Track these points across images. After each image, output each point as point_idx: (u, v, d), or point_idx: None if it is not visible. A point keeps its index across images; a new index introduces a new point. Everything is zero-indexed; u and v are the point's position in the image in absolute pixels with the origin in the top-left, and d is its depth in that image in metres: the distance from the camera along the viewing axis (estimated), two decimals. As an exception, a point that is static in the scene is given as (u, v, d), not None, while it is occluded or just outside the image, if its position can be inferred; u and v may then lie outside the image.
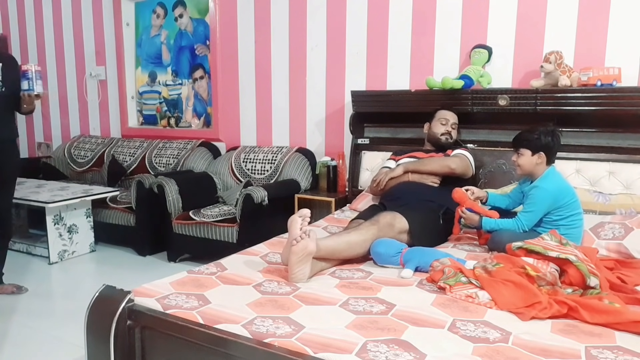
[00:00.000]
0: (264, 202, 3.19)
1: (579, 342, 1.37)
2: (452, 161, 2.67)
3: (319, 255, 1.92)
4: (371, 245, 2.10)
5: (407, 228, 2.24)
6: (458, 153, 2.78)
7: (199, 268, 1.96)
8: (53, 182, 4.25)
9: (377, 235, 2.12)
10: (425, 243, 2.20)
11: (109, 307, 1.60)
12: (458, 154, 2.78)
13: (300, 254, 1.82)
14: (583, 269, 1.72)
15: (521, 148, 2.24)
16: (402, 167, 2.72)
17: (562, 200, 2.18)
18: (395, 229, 2.20)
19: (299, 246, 1.82)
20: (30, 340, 2.44)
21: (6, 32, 5.48)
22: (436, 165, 2.67)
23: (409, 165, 2.72)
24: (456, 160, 2.67)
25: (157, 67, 4.66)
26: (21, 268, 3.52)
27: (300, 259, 1.83)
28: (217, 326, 1.46)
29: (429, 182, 2.68)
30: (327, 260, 2.00)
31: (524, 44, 3.00)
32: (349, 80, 3.60)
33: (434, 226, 2.41)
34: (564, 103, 2.69)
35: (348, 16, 3.55)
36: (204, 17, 4.28)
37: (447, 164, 2.65)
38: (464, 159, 2.73)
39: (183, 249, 3.61)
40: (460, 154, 2.77)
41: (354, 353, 1.28)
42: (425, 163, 2.71)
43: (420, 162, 2.74)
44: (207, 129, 4.42)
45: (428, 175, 2.68)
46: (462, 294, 1.69)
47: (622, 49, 2.75)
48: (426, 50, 3.30)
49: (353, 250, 2.08)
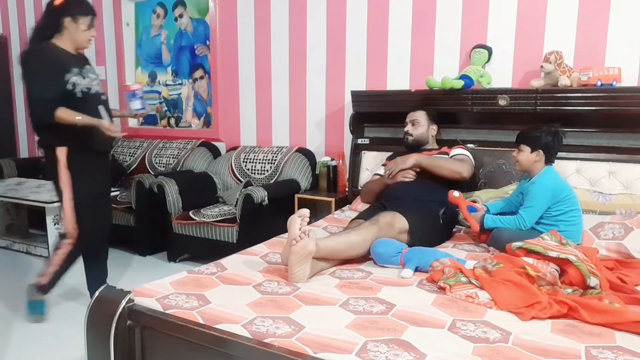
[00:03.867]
0: (264, 202, 3.19)
1: (579, 342, 1.37)
2: (464, 169, 2.59)
3: (319, 255, 1.92)
4: (371, 245, 2.09)
5: (407, 228, 2.24)
6: (462, 156, 2.71)
7: (199, 268, 1.96)
8: (53, 182, 4.24)
9: (377, 235, 2.12)
10: (425, 243, 2.20)
11: (109, 307, 1.60)
12: (462, 157, 2.70)
13: (299, 253, 1.82)
14: (583, 269, 1.72)
15: (522, 144, 2.29)
16: (414, 159, 2.62)
17: (560, 194, 2.21)
18: (395, 228, 2.20)
19: (299, 246, 1.82)
20: (30, 340, 2.44)
21: (6, 32, 5.48)
22: (448, 172, 2.57)
23: (422, 161, 2.60)
24: (467, 168, 2.61)
25: (157, 67, 4.66)
26: (21, 268, 3.52)
27: (300, 259, 1.83)
28: (217, 326, 1.46)
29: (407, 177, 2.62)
30: (327, 260, 2.00)
31: (524, 44, 3.00)
32: (349, 80, 3.60)
33: (434, 226, 2.40)
34: (564, 103, 2.69)
35: (348, 16, 3.55)
36: (204, 17, 4.29)
37: (460, 171, 2.57)
38: (469, 162, 2.69)
39: (183, 249, 3.61)
40: (464, 157, 2.70)
41: (354, 353, 1.28)
42: (439, 164, 2.59)
43: (433, 161, 2.62)
44: (207, 129, 4.42)
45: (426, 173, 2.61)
46: (462, 294, 1.69)
47: (622, 49, 2.75)
48: (426, 50, 3.30)
49: (353, 251, 2.08)
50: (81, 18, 2.45)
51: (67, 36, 2.46)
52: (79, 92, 2.44)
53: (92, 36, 2.54)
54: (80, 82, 2.45)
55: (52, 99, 2.34)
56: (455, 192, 2.46)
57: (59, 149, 2.45)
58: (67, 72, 2.40)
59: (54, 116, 2.33)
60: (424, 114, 2.85)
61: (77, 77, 2.44)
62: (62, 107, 2.34)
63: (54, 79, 2.37)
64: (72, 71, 2.42)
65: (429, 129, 2.84)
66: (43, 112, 2.35)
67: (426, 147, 2.85)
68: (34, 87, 2.38)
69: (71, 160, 2.46)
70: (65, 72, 2.40)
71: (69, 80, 2.41)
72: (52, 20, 2.45)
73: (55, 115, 2.33)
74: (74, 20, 2.44)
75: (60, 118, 2.34)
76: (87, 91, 2.48)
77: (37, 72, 2.37)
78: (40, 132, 2.49)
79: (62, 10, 2.43)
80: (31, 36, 2.49)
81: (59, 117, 2.34)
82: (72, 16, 2.43)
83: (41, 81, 2.36)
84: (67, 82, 2.40)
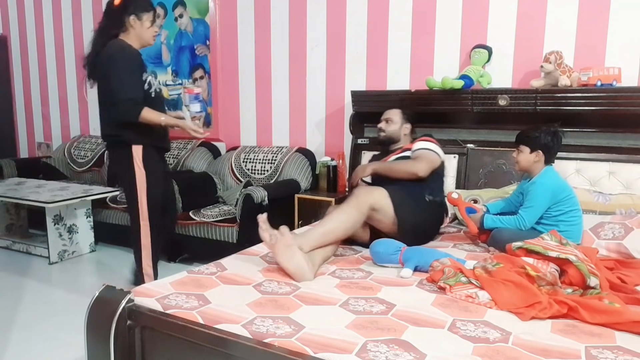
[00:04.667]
0: (264, 202, 3.19)
1: (579, 342, 1.37)
2: (419, 168, 2.45)
3: (313, 244, 1.98)
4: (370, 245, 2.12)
5: (386, 195, 2.23)
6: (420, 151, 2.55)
7: (199, 268, 1.96)
8: (53, 182, 4.25)
9: (355, 204, 2.15)
10: (409, 213, 2.23)
11: (109, 307, 1.60)
12: (421, 153, 2.54)
13: (281, 250, 1.87)
14: (583, 269, 1.72)
15: (521, 144, 2.29)
16: (371, 168, 2.61)
17: (560, 194, 2.21)
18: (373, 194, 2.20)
19: (275, 245, 1.88)
20: (30, 340, 2.44)
21: (6, 32, 5.49)
22: (403, 174, 2.48)
23: (378, 168, 2.59)
24: (423, 166, 2.46)
25: (157, 67, 4.66)
26: (21, 268, 3.52)
27: (285, 253, 1.87)
28: (217, 326, 1.46)
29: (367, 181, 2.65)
30: (325, 246, 2.06)
31: (524, 44, 3.00)
32: (349, 80, 3.60)
33: (418, 200, 2.37)
34: (564, 103, 2.69)
35: (348, 16, 3.55)
36: (204, 17, 4.28)
37: (414, 171, 2.45)
38: (428, 158, 2.51)
39: (183, 249, 3.61)
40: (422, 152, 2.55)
41: (354, 353, 1.28)
42: (392, 169, 2.54)
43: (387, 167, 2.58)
44: (207, 129, 4.41)
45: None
46: (462, 294, 1.69)
47: (622, 49, 2.75)
48: (426, 50, 3.30)
49: (343, 224, 2.10)
50: (144, 15, 2.44)
51: (133, 34, 2.44)
52: (153, 91, 2.45)
53: (156, 32, 2.52)
54: (154, 82, 2.48)
55: (139, 99, 2.34)
56: (454, 194, 2.47)
57: (134, 147, 2.44)
58: (144, 72, 2.41)
59: (139, 116, 2.32)
60: (399, 113, 2.83)
61: (151, 76, 2.46)
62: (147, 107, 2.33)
63: (139, 79, 2.37)
64: (147, 71, 2.44)
65: (402, 128, 2.81)
66: (129, 111, 2.33)
67: (397, 144, 2.80)
68: (121, 86, 2.34)
69: (146, 158, 2.47)
70: (143, 72, 2.41)
71: (146, 80, 2.42)
72: (115, 20, 2.43)
73: (140, 116, 2.32)
74: (138, 18, 2.43)
75: (145, 118, 2.33)
76: (159, 91, 2.51)
77: (123, 71, 2.34)
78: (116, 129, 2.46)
79: (123, 9, 2.41)
80: (95, 37, 2.47)
81: (144, 117, 2.33)
82: (135, 14, 2.41)
83: (128, 81, 2.34)
84: (145, 81, 2.41)
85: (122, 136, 2.44)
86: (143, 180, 2.48)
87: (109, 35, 2.42)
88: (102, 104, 2.52)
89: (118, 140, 2.47)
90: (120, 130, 2.43)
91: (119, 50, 2.37)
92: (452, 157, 3.04)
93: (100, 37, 2.45)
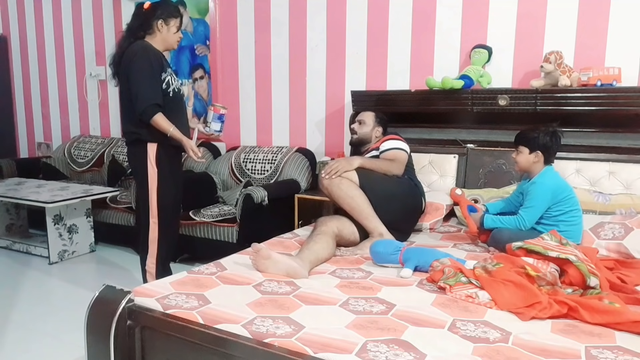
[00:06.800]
0: (264, 202, 3.19)
1: (579, 342, 1.37)
2: (396, 167, 2.59)
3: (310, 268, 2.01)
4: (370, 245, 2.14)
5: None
6: (393, 152, 2.66)
7: (199, 268, 1.96)
8: (53, 182, 4.24)
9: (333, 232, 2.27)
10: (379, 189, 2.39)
11: (109, 307, 1.60)
12: (394, 154, 2.65)
13: (264, 264, 1.93)
14: (583, 269, 1.72)
15: (520, 145, 2.29)
16: (358, 162, 2.58)
17: (560, 195, 2.22)
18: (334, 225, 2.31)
19: (257, 264, 1.95)
20: (30, 340, 2.44)
21: (6, 32, 5.48)
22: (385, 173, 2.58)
23: (365, 163, 2.59)
24: (400, 168, 2.60)
25: (157, 67, 4.66)
26: (21, 268, 3.52)
27: (268, 264, 1.93)
28: (217, 326, 1.46)
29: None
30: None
31: (524, 44, 3.00)
32: (349, 80, 3.60)
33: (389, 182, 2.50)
34: (564, 103, 2.69)
35: (348, 16, 3.55)
36: (204, 17, 4.28)
37: (394, 172, 2.58)
38: (401, 158, 2.63)
39: (183, 249, 3.60)
40: (394, 152, 2.65)
41: (354, 353, 1.28)
42: (379, 167, 2.59)
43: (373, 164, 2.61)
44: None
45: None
46: (462, 294, 1.69)
47: (622, 49, 2.75)
48: (426, 50, 3.30)
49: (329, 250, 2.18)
50: (172, 20, 2.52)
51: (158, 38, 2.51)
52: (170, 91, 2.50)
53: (181, 37, 2.61)
54: (173, 82, 2.53)
55: (156, 102, 2.40)
56: (457, 190, 2.46)
57: (150, 145, 2.49)
58: (163, 72, 2.47)
59: (152, 119, 2.38)
60: (372, 116, 2.86)
61: (170, 76, 2.52)
62: (161, 113, 2.40)
63: (158, 81, 2.44)
64: (167, 70, 2.50)
65: (374, 130, 2.84)
66: (145, 112, 2.39)
67: (367, 146, 2.84)
68: (141, 87, 2.39)
69: (160, 156, 2.50)
70: (162, 72, 2.46)
71: (165, 79, 2.47)
72: (143, 23, 2.50)
73: (153, 119, 2.38)
74: (166, 23, 2.50)
75: (156, 122, 2.40)
76: (177, 91, 2.56)
77: (143, 72, 2.40)
78: (135, 127, 2.50)
79: (152, 13, 2.49)
80: (123, 37, 2.54)
81: (155, 122, 2.39)
82: (163, 19, 2.49)
83: (148, 82, 2.40)
84: (164, 80, 2.47)
85: (140, 134, 2.49)
86: (155, 178, 2.51)
87: (136, 37, 2.49)
88: (123, 102, 2.60)
89: (135, 138, 2.52)
90: (138, 128, 2.48)
91: (142, 50, 2.44)
92: (452, 157, 3.05)
93: (127, 37, 2.52)
